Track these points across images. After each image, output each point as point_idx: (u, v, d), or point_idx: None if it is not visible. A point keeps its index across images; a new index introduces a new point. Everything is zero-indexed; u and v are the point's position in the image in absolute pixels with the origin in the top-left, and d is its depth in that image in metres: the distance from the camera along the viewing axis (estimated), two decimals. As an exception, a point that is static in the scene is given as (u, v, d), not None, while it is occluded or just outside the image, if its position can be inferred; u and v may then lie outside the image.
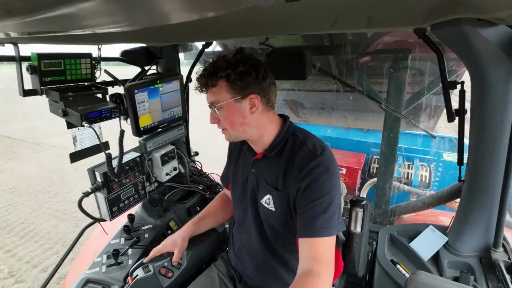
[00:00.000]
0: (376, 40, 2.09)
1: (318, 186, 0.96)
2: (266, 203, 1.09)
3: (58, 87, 1.23)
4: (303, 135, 1.06)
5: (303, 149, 1.01)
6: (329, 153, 1.00)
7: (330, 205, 0.96)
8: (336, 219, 0.97)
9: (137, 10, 0.55)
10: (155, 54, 1.74)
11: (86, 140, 1.42)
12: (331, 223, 0.95)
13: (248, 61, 0.99)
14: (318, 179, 0.96)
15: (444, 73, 1.11)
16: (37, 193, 5.05)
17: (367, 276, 1.44)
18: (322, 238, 0.94)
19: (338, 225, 0.97)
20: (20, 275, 3.12)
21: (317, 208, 0.95)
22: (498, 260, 1.12)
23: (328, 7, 0.86)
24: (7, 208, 4.53)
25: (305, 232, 0.96)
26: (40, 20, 0.54)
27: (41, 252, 3.49)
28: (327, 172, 0.96)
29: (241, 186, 1.19)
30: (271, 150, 1.06)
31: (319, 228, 0.94)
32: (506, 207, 1.11)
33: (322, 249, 0.93)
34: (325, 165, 0.97)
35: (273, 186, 1.07)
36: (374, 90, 2.15)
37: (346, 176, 3.03)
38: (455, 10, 0.74)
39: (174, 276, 1.28)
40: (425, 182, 3.04)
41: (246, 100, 0.99)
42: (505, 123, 1.00)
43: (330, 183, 0.97)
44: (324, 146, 1.02)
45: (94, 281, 1.28)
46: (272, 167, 1.07)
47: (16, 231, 3.95)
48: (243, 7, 0.59)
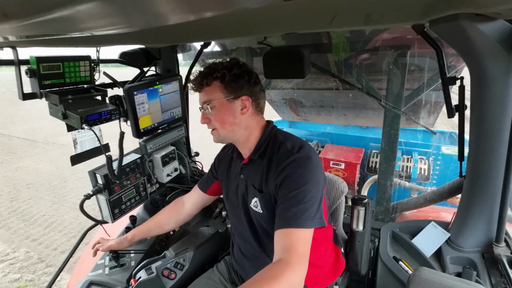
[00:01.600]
0: (375, 37, 2.09)
1: (292, 179, 0.97)
2: (254, 206, 1.10)
3: (58, 90, 1.23)
4: (283, 136, 1.08)
5: (282, 148, 1.04)
6: (307, 150, 1.01)
7: (304, 197, 0.95)
8: (312, 213, 0.95)
9: (134, 12, 0.55)
10: (154, 55, 1.74)
11: (86, 143, 1.42)
12: (304, 215, 0.93)
13: (242, 66, 1.05)
14: (292, 173, 0.97)
15: (443, 69, 1.10)
16: (54, 188, 5.21)
17: (370, 273, 1.44)
18: (294, 229, 0.92)
19: (315, 219, 0.95)
20: (49, 260, 3.36)
21: (291, 200, 0.95)
22: (500, 255, 1.12)
23: (325, 5, 0.86)
24: (27, 202, 4.71)
25: (278, 224, 0.96)
26: (37, 23, 0.54)
27: (66, 240, 3.71)
28: (301, 165, 0.97)
29: (234, 193, 1.20)
30: (255, 152, 1.09)
31: (290, 219, 0.93)
32: (508, 201, 1.11)
33: (294, 240, 0.91)
34: (300, 160, 0.98)
35: (258, 189, 1.08)
36: (374, 87, 2.15)
37: (345, 171, 3.03)
38: (453, 6, 0.74)
39: (177, 278, 1.28)
40: (424, 175, 3.03)
41: (238, 101, 1.04)
42: (505, 117, 1.00)
43: (306, 176, 0.97)
44: (303, 145, 1.03)
45: (97, 283, 1.29)
46: (256, 170, 1.09)
47: (39, 222, 4.13)
48: (240, 7, 0.59)
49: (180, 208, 1.41)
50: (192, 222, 1.86)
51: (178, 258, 1.33)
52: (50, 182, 5.45)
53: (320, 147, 3.51)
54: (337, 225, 1.43)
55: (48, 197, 4.85)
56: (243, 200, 1.15)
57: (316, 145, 3.56)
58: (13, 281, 3.03)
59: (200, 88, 1.06)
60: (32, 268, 3.23)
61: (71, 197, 4.85)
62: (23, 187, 5.28)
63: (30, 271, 3.17)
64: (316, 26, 1.12)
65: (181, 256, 1.34)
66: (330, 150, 3.29)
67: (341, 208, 1.40)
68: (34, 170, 6.11)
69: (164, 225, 1.39)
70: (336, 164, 3.06)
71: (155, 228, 1.39)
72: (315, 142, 3.62)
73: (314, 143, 3.58)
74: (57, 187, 5.25)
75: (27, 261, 3.33)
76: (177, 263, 1.32)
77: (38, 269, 3.20)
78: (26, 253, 3.47)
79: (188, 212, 1.40)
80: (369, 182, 2.97)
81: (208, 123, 1.08)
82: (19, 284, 2.99)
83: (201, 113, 1.09)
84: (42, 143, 8.00)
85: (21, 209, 4.52)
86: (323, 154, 3.20)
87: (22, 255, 3.44)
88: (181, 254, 1.34)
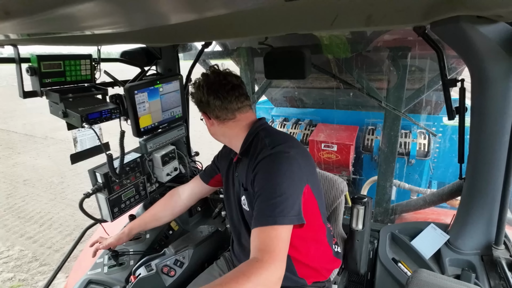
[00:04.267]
0: (376, 39, 2.09)
1: (263, 173, 0.96)
2: (244, 204, 1.12)
3: (58, 88, 1.23)
4: (266, 133, 1.09)
5: (259, 145, 1.05)
6: (286, 146, 1.01)
7: (275, 193, 0.92)
8: (285, 208, 0.91)
9: (136, 11, 0.55)
10: (155, 54, 1.74)
11: (86, 141, 1.42)
12: (276, 211, 0.90)
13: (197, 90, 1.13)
14: (264, 167, 0.97)
15: (444, 71, 1.10)
16: (51, 184, 5.22)
17: (369, 275, 1.44)
18: (267, 227, 0.89)
19: (289, 216, 0.91)
20: (43, 259, 3.35)
21: (262, 196, 0.94)
22: (499, 258, 1.12)
23: (327, 6, 0.85)
24: (23, 199, 4.72)
25: (253, 222, 0.93)
26: (39, 21, 0.54)
27: (61, 238, 3.70)
28: (274, 160, 0.97)
29: (231, 190, 1.23)
30: (241, 153, 1.13)
31: (262, 217, 0.91)
32: (507, 204, 1.11)
33: (267, 238, 0.88)
34: (274, 155, 0.98)
35: (244, 187, 1.10)
36: (374, 89, 2.15)
37: (338, 154, 2.83)
38: (455, 8, 0.74)
39: (176, 275, 1.28)
40: (424, 151, 2.84)
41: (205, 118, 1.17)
42: (506, 120, 1.00)
43: (278, 171, 0.94)
44: (285, 141, 1.04)
45: (96, 282, 1.29)
46: (243, 168, 1.12)
47: (35, 220, 4.15)
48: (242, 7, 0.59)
49: (176, 199, 1.42)
50: (192, 221, 1.86)
51: (178, 256, 1.33)
52: (47, 178, 5.45)
53: (312, 126, 3.32)
54: (337, 224, 1.43)
55: (44, 194, 4.86)
56: (238, 198, 1.17)
57: (308, 124, 3.40)
58: (6, 281, 3.01)
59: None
60: (26, 267, 3.21)
61: (68, 194, 4.84)
62: (20, 183, 5.28)
63: (23, 270, 3.15)
64: (318, 27, 1.12)
65: (181, 254, 1.34)
66: (322, 131, 3.05)
67: (340, 208, 1.40)
68: (32, 166, 6.12)
69: (160, 218, 1.41)
70: (328, 146, 2.85)
71: (151, 221, 1.40)
72: (307, 121, 3.47)
73: (306, 122, 3.43)
74: (54, 183, 5.24)
75: (21, 260, 3.32)
76: (177, 261, 1.32)
77: (32, 268, 3.19)
78: (21, 251, 3.46)
79: (185, 203, 1.42)
80: (368, 183, 2.96)
81: None
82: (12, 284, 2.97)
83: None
84: (40, 138, 8.00)
85: (17, 206, 4.52)
86: (314, 136, 2.98)
87: (16, 254, 3.43)
88: (180, 251, 1.35)
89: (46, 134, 8.28)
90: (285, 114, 3.68)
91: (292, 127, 3.37)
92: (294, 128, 3.36)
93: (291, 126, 3.39)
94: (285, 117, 3.59)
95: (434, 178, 3.32)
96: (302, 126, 3.35)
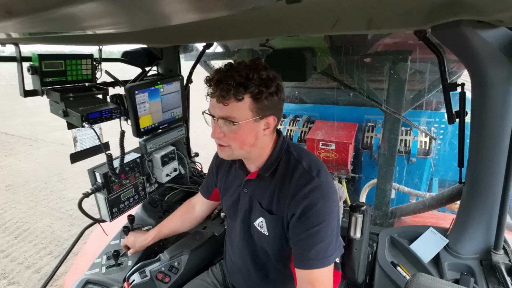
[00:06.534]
0: (377, 42, 2.09)
1: (314, 212, 0.89)
2: (259, 226, 1.03)
3: (59, 87, 1.23)
4: (297, 153, 1.00)
5: (298, 169, 0.95)
6: (325, 173, 0.95)
7: (326, 233, 0.91)
8: (333, 246, 0.92)
9: (138, 12, 0.56)
10: (156, 55, 1.74)
11: (86, 141, 1.42)
12: (328, 252, 0.90)
13: (276, 79, 0.90)
14: (314, 205, 0.89)
15: (444, 75, 1.11)
16: (33, 190, 4.98)
17: (367, 278, 1.43)
18: (322, 269, 0.90)
19: (335, 252, 0.93)
20: (13, 276, 3.08)
21: (314, 237, 0.90)
22: (498, 262, 1.12)
23: (328, 9, 0.86)
24: (2, 206, 4.47)
25: (301, 263, 0.92)
26: (41, 21, 0.54)
27: (35, 252, 3.43)
28: (324, 197, 0.91)
29: (232, 204, 1.13)
30: (265, 170, 0.99)
31: (315, 260, 0.90)
32: (507, 208, 1.10)
33: (320, 276, 0.90)
34: (322, 189, 0.91)
35: (266, 209, 1.00)
36: (374, 92, 2.15)
37: (336, 152, 2.74)
38: (456, 12, 0.74)
39: (171, 281, 1.26)
40: (425, 149, 2.73)
41: (263, 121, 0.92)
42: (506, 124, 1.00)
43: (328, 208, 0.91)
44: (319, 165, 0.96)
45: (93, 282, 1.28)
46: (265, 188, 1.00)
47: (11, 231, 3.90)
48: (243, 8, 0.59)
49: (191, 212, 1.42)
50: None
51: (173, 262, 1.32)
52: (30, 184, 5.20)
53: (310, 123, 3.20)
54: None
55: (25, 201, 4.62)
56: (245, 216, 1.08)
57: (306, 120, 3.27)
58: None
59: (225, 100, 0.86)
60: (-9, 286, 2.95)
61: (49, 201, 4.60)
62: (1, 189, 5.03)
63: (-14, 290, 2.89)
64: (319, 30, 1.12)
65: (176, 260, 1.32)
66: (320, 128, 2.95)
67: (339, 214, 1.39)
68: (16, 170, 5.88)
69: (178, 230, 1.42)
70: (326, 144, 2.75)
71: (170, 233, 1.43)
72: (305, 117, 3.32)
73: (304, 118, 3.30)
74: (36, 190, 4.99)
75: (-13, 277, 3.02)
76: (172, 267, 1.30)
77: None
78: (-12, 267, 3.18)
79: (199, 214, 1.41)
80: (367, 187, 2.95)
81: (221, 138, 0.93)
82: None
83: (214, 125, 0.94)
84: (30, 140, 7.74)
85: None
86: (312, 134, 2.87)
87: (-18, 270, 3.12)
88: (176, 257, 1.33)
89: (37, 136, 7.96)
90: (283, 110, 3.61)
91: (289, 124, 3.28)
92: (291, 125, 3.27)
93: (289, 123, 3.29)
94: (282, 114, 3.52)
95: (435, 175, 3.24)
96: (300, 123, 3.25)
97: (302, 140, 3.09)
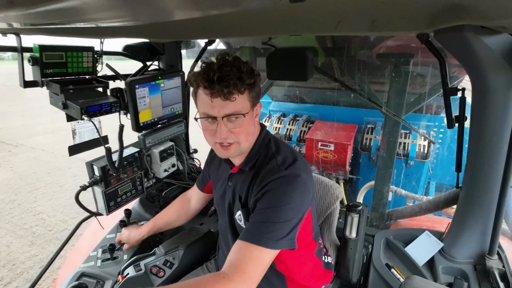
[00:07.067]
0: (379, 44, 2.09)
1: (273, 195, 0.90)
2: (239, 220, 1.05)
3: (59, 79, 1.23)
4: (276, 148, 1.01)
5: (271, 163, 0.97)
6: (297, 168, 0.94)
7: (279, 218, 0.87)
8: (280, 234, 0.87)
9: (141, 6, 0.55)
10: (158, 50, 1.74)
11: (85, 134, 1.42)
12: (271, 234, 0.86)
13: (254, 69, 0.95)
14: (274, 189, 0.90)
15: (445, 79, 1.11)
16: (1, 202, 4.53)
17: (362, 279, 1.44)
18: (252, 245, 0.85)
19: (282, 240, 0.87)
20: None
21: (263, 215, 0.89)
22: (492, 268, 1.13)
23: (332, 10, 0.85)
24: None
25: (242, 234, 0.90)
26: (43, 12, 0.54)
27: None
28: (286, 184, 0.90)
29: (221, 198, 1.15)
30: (245, 164, 1.01)
31: (252, 233, 0.87)
32: (503, 214, 1.11)
33: (247, 257, 0.84)
34: (287, 178, 0.91)
35: (242, 202, 1.02)
36: (375, 94, 2.15)
37: (335, 153, 2.75)
38: (459, 17, 0.74)
39: (165, 276, 1.27)
40: (424, 153, 2.71)
41: (255, 108, 0.97)
42: (505, 131, 1.00)
43: (288, 196, 0.89)
44: (295, 161, 0.96)
45: (88, 275, 1.28)
46: (245, 182, 1.02)
47: None
48: (247, 6, 0.59)
49: (187, 205, 1.43)
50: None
51: (168, 256, 1.32)
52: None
53: (310, 123, 3.22)
54: (330, 231, 1.42)
55: None
56: (229, 209, 1.10)
57: (306, 120, 3.29)
58: None
59: (231, 95, 0.87)
60: None
61: (14, 216, 4.16)
62: None
63: None
64: (321, 30, 1.12)
65: (171, 254, 1.33)
66: (319, 128, 2.96)
67: (335, 214, 1.38)
68: None
69: (173, 223, 1.43)
70: (325, 145, 2.76)
71: (165, 226, 1.43)
72: (305, 117, 3.34)
73: (303, 118, 3.32)
74: (4, 202, 4.52)
75: None
76: (167, 261, 1.31)
77: None
78: None
79: (195, 207, 1.43)
80: (365, 188, 2.96)
81: (228, 137, 0.93)
82: None
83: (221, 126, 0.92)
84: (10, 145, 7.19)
85: None
86: (311, 134, 2.89)
87: None
88: (171, 252, 1.33)
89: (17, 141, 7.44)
90: (283, 109, 3.60)
91: (289, 123, 3.30)
92: (291, 125, 3.29)
93: (288, 122, 3.30)
94: (282, 113, 3.52)
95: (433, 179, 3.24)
96: (299, 122, 3.27)
97: (301, 140, 3.10)
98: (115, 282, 1.26)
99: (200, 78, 0.88)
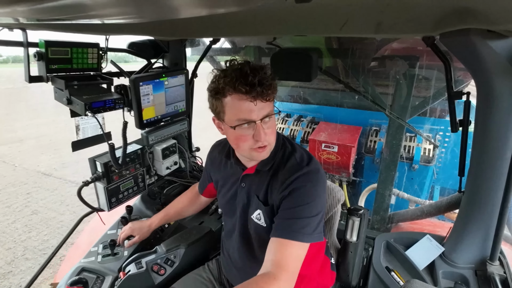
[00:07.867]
0: (385, 46, 2.08)
1: (301, 192, 0.93)
2: (257, 219, 1.06)
3: (64, 75, 1.24)
4: (291, 146, 1.04)
5: (290, 161, 0.99)
6: (315, 163, 0.99)
7: (310, 213, 0.92)
8: (312, 228, 0.92)
9: (147, 3, 0.55)
10: (162, 47, 1.74)
11: (88, 130, 1.43)
12: (304, 229, 0.90)
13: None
14: (301, 187, 0.93)
15: (450, 83, 1.10)
16: None
17: (361, 282, 1.44)
18: (291, 242, 0.89)
19: (313, 234, 0.92)
20: None
21: (296, 212, 0.92)
22: (493, 274, 1.12)
23: (337, 11, 0.85)
24: None
25: (276, 231, 0.93)
26: (50, 7, 0.54)
27: None
28: (310, 180, 0.94)
29: (230, 199, 1.15)
30: (265, 164, 1.02)
31: (289, 229, 0.90)
32: (505, 220, 1.10)
33: (288, 255, 0.88)
34: (310, 174, 0.95)
35: (262, 201, 1.03)
36: (379, 96, 2.15)
37: (338, 155, 2.74)
38: (465, 20, 0.74)
39: (166, 274, 1.27)
40: (429, 157, 2.70)
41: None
42: (509, 136, 1.00)
43: (315, 192, 0.94)
44: (311, 157, 1.00)
45: (89, 270, 1.29)
46: (262, 181, 1.04)
47: None
48: (253, 5, 0.59)
49: (196, 197, 1.45)
50: (188, 217, 1.86)
51: (169, 255, 1.32)
52: None
53: (314, 124, 3.22)
54: (331, 234, 1.41)
55: None
56: (243, 211, 1.10)
57: (311, 121, 3.29)
58: None
59: (269, 97, 0.89)
60: None
61: None
62: None
63: None
64: (326, 31, 1.12)
65: (172, 253, 1.33)
66: (324, 130, 2.97)
67: (336, 217, 1.38)
68: None
69: (184, 214, 1.48)
70: (328, 146, 2.76)
71: (175, 217, 1.47)
72: (309, 118, 3.34)
73: (308, 119, 3.32)
74: None
75: None
76: (168, 259, 1.31)
77: None
78: None
79: (205, 199, 1.45)
80: (367, 191, 2.95)
81: (265, 138, 0.93)
82: None
83: (261, 128, 0.91)
84: None
85: None
86: (315, 135, 2.88)
87: None
88: (172, 250, 1.34)
89: None
90: (287, 109, 3.60)
91: (293, 124, 3.29)
92: (295, 125, 3.28)
93: (293, 123, 3.30)
94: (287, 113, 3.52)
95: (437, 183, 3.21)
96: (304, 123, 3.26)
97: (305, 140, 3.09)
98: (115, 278, 1.26)
99: (237, 83, 0.85)
